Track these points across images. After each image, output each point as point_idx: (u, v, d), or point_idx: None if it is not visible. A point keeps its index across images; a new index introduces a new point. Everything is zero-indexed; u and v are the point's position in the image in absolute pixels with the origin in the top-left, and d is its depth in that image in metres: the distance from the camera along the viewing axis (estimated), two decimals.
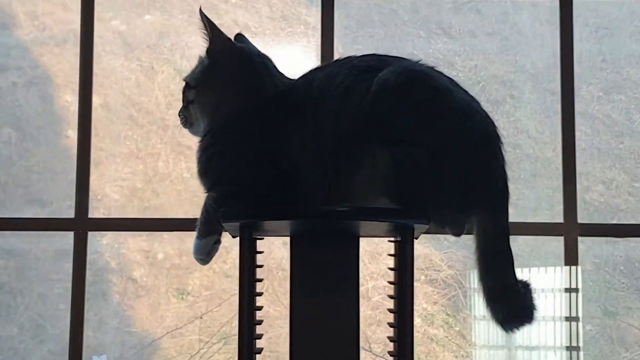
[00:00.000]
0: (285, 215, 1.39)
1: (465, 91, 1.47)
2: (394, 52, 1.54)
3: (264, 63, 1.54)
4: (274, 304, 3.12)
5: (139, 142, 3.53)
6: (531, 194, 3.19)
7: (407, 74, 1.41)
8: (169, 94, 3.51)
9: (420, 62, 1.46)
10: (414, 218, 1.41)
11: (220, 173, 1.48)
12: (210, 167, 1.50)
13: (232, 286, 3.17)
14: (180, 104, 1.58)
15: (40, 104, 3.52)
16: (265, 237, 1.47)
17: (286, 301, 1.53)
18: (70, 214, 3.01)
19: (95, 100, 3.18)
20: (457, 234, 1.45)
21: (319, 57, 2.98)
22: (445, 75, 1.47)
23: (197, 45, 1.58)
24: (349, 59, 1.50)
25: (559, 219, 2.93)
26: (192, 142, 1.69)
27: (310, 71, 1.52)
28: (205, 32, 1.51)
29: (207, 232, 1.49)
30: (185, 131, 1.60)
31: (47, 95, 3.53)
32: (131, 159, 3.53)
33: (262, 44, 1.61)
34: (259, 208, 1.43)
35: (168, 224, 3.20)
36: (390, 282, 1.46)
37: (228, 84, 1.52)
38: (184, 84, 1.57)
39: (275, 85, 1.50)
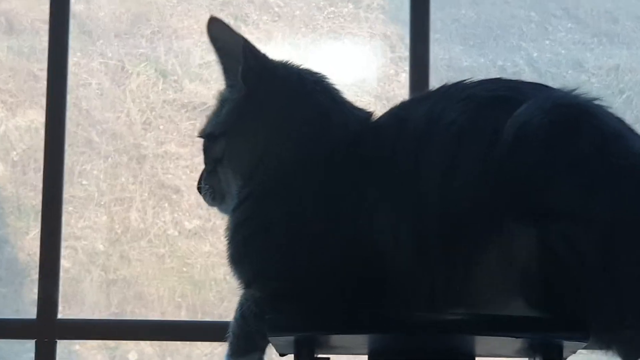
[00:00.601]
0: (362, 326, 1.27)
1: (637, 134, 1.36)
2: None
3: (326, 88, 1.45)
4: None
5: (101, 181, 3.13)
6: None
7: (560, 113, 1.28)
8: (148, 108, 3.13)
9: (573, 92, 1.35)
10: (565, 332, 1.27)
11: (265, 260, 1.37)
12: (248, 252, 1.40)
13: None
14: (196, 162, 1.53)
15: None
16: (331, 356, 1.40)
17: None
18: None
19: (36, 117, 3.01)
20: (633, 357, 1.30)
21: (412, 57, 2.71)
22: (610, 112, 1.36)
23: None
24: (460, 85, 1.38)
25: None
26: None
27: (403, 103, 1.43)
28: (220, 53, 1.44)
29: (244, 349, 1.39)
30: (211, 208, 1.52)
31: None
32: (89, 207, 3.12)
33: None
34: (323, 314, 1.32)
35: (144, 327, 2.83)
36: None
37: (276, 120, 1.42)
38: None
39: (345, 125, 1.40)
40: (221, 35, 1.45)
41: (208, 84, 2.98)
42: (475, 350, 1.38)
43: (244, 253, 1.42)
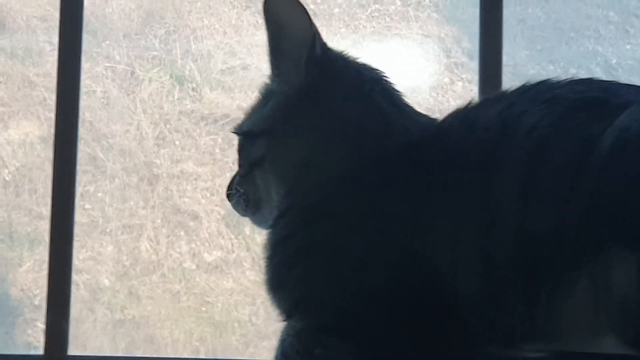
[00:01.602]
0: None
1: None
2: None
3: (384, 88, 1.42)
4: None
5: (107, 205, 3.08)
6: None
7: None
8: (162, 120, 3.10)
9: None
10: None
11: (309, 286, 1.35)
12: (289, 275, 1.37)
13: None
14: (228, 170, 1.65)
15: None
16: None
17: None
18: None
19: (32, 130, 3.01)
20: None
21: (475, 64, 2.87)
22: None
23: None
24: (543, 85, 1.35)
25: None
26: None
27: (473, 105, 1.37)
28: (275, 34, 1.39)
29: None
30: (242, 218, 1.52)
31: None
32: (93, 236, 3.06)
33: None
34: (382, 351, 1.30)
35: None
36: None
37: (327, 124, 1.39)
38: (235, 138, 1.50)
39: (404, 131, 1.38)
40: (283, 12, 1.39)
41: (231, 92, 2.98)
42: None
43: (284, 277, 1.39)
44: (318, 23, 1.53)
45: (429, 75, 3.04)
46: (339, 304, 1.35)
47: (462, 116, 1.39)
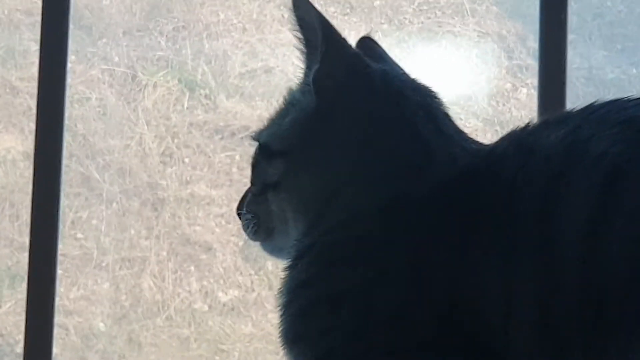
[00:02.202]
0: None
1: None
2: None
3: (430, 107, 1.38)
4: None
5: (104, 235, 2.89)
6: None
7: None
8: (169, 133, 2.95)
9: None
10: None
11: (331, 342, 1.31)
12: (308, 329, 1.34)
13: None
14: (240, 187, 1.75)
15: None
16: None
17: None
18: None
19: (13, 144, 2.91)
20: None
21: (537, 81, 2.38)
22: None
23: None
24: (615, 104, 1.29)
25: None
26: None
27: (528, 128, 1.33)
28: (301, 36, 1.39)
29: None
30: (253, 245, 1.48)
31: None
32: (86, 270, 2.87)
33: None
34: None
35: None
36: None
37: (359, 146, 1.37)
38: (253, 146, 1.46)
39: (450, 162, 1.33)
40: (306, 13, 1.40)
41: (252, 100, 2.93)
42: None
43: (303, 329, 1.35)
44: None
45: (488, 81, 2.99)
46: None
47: (518, 141, 1.32)
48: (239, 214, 1.44)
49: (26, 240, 2.74)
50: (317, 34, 1.38)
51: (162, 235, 2.96)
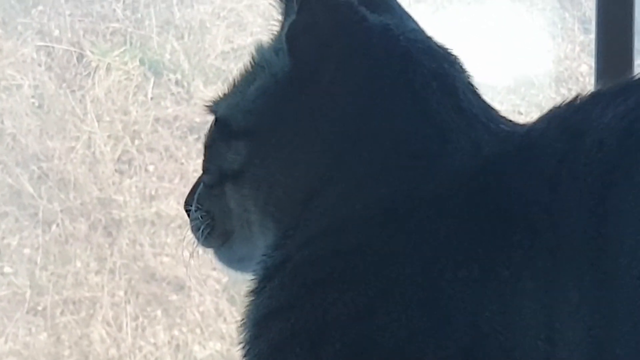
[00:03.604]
0: None
1: None
2: None
3: (445, 76, 1.23)
4: None
5: (39, 269, 2.52)
6: None
7: None
8: (127, 133, 2.59)
9: None
10: None
11: None
12: None
13: None
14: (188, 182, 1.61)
15: None
16: None
17: None
18: None
19: None
20: None
21: (594, 50, 2.16)
22: None
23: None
24: None
25: None
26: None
27: (576, 103, 1.17)
28: None
29: None
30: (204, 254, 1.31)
31: None
32: (17, 315, 2.50)
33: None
34: None
35: None
36: None
37: (346, 131, 1.22)
38: (209, 119, 1.31)
39: (476, 142, 1.19)
40: None
41: None
42: None
43: None
44: None
45: (557, 61, 2.61)
46: None
47: (562, 121, 1.15)
48: (187, 211, 1.26)
49: None
50: None
51: (119, 268, 2.58)
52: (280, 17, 1.23)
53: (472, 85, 1.22)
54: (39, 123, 2.60)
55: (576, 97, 1.14)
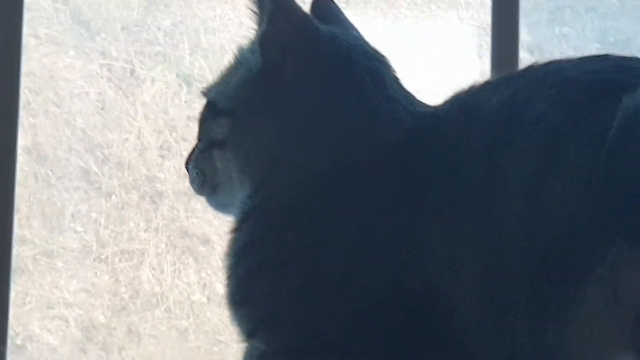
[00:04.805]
0: None
1: None
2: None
3: (376, 71, 1.42)
4: None
5: (103, 227, 2.95)
6: None
7: None
8: (167, 127, 3.03)
9: None
10: None
11: (275, 304, 1.36)
12: (253, 291, 1.38)
13: None
14: (190, 143, 1.62)
15: None
16: None
17: None
18: None
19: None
20: None
21: (490, 56, 2.63)
22: None
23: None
24: (553, 66, 1.36)
25: None
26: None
27: (473, 90, 1.36)
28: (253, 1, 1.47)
29: None
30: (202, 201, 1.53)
31: None
32: (86, 262, 2.94)
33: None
34: None
35: None
36: None
37: (302, 111, 1.40)
38: (202, 101, 1.51)
39: (398, 121, 1.38)
40: None
41: None
42: None
43: (249, 291, 1.39)
44: (350, 12, 1.55)
45: (484, 74, 2.84)
46: (312, 325, 1.34)
47: (461, 104, 1.36)
48: (187, 169, 1.50)
49: (25, 233, 2.93)
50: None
51: (161, 227, 2.97)
52: (255, 26, 1.45)
53: (397, 78, 1.45)
54: (102, 120, 2.97)
55: (472, 86, 1.38)
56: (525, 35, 2.91)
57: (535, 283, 1.28)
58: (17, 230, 2.78)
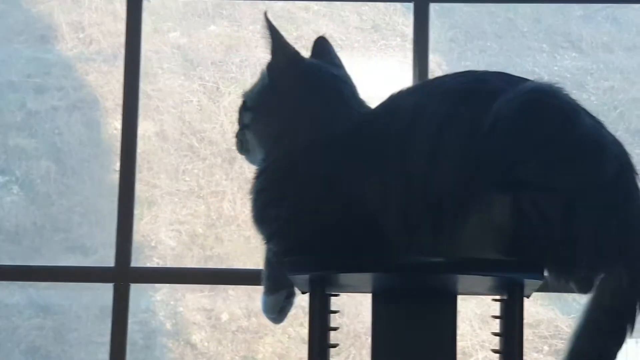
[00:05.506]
0: (364, 266, 1.42)
1: (588, 113, 1.56)
2: (510, 70, 1.62)
3: (338, 87, 1.63)
4: None
5: (200, 178, 3.54)
6: None
7: (529, 99, 1.47)
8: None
9: (543, 82, 1.54)
10: (524, 272, 1.43)
11: (278, 225, 1.56)
12: (265, 217, 1.58)
13: None
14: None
15: (84, 132, 3.61)
16: (342, 294, 1.57)
17: None
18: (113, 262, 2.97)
19: (149, 127, 3.40)
20: (585, 291, 1.53)
21: (416, 76, 2.97)
22: (567, 94, 1.57)
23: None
24: (440, 80, 1.59)
25: None
26: None
27: (395, 96, 1.58)
28: (267, 40, 1.62)
29: (274, 287, 1.61)
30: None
31: (93, 122, 3.61)
32: (191, 199, 3.54)
33: (349, 59, 1.72)
34: (332, 258, 1.47)
35: (227, 275, 3.24)
36: (495, 351, 1.52)
37: (291, 110, 1.61)
38: (240, 100, 1.69)
39: (349, 116, 1.59)
40: (269, 31, 1.62)
41: None
42: (456, 289, 1.55)
43: (263, 217, 1.60)
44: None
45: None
46: (299, 236, 1.53)
47: (386, 106, 1.55)
48: (235, 139, 1.69)
49: (157, 181, 3.46)
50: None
51: (235, 178, 3.44)
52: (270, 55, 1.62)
53: (354, 92, 1.64)
54: (199, 116, 3.55)
55: (397, 92, 1.58)
56: (445, 66, 3.37)
57: (435, 213, 1.46)
58: (150, 180, 3.41)
